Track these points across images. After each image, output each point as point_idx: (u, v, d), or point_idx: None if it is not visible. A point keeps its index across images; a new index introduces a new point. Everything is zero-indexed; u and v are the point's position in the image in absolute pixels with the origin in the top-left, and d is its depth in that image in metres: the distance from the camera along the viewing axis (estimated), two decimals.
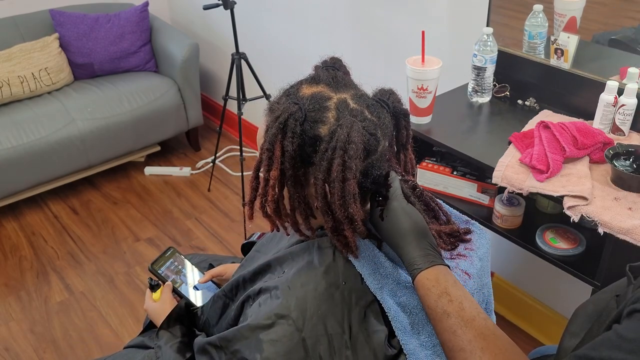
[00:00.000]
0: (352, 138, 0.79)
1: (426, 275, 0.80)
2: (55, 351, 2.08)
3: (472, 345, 0.75)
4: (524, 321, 2.06)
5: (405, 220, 0.84)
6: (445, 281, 0.79)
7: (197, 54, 3.00)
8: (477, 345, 0.75)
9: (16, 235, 2.67)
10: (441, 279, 0.80)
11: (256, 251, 1.12)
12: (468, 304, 0.78)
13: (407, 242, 0.83)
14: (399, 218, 0.84)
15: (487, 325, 0.76)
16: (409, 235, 0.83)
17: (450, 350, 0.77)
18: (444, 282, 0.79)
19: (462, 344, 0.76)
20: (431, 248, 0.83)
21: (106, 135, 2.81)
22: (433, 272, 0.80)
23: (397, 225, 0.84)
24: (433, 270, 0.81)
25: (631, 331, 0.60)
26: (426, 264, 0.81)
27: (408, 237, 0.83)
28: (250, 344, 0.85)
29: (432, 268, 0.81)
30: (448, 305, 0.78)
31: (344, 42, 2.36)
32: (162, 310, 1.19)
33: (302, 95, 0.85)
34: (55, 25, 2.95)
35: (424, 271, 0.81)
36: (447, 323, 0.78)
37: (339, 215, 0.82)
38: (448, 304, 0.78)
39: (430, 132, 1.55)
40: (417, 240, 0.83)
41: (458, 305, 0.78)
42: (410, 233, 0.83)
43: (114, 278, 2.41)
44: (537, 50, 1.62)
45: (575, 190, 1.25)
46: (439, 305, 0.79)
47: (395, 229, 0.84)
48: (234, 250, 2.54)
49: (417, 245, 0.83)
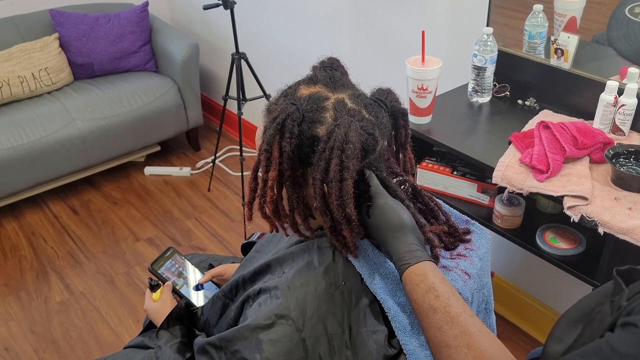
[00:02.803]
0: (350, 138, 0.79)
1: (414, 270, 0.80)
2: (55, 351, 2.08)
3: (458, 341, 0.75)
4: (524, 321, 2.06)
5: (392, 216, 0.83)
6: (433, 277, 0.79)
7: (197, 54, 3.00)
8: (463, 341, 0.74)
9: (16, 235, 2.67)
10: (429, 274, 0.79)
11: (256, 251, 1.12)
12: (455, 301, 0.78)
13: (395, 238, 0.83)
14: (385, 214, 0.84)
15: (474, 322, 0.76)
16: (396, 231, 0.83)
17: (436, 346, 0.77)
18: (431, 277, 0.79)
19: (448, 340, 0.75)
20: (419, 243, 0.83)
21: (106, 135, 2.81)
22: (421, 267, 0.80)
23: (383, 222, 0.84)
24: (421, 265, 0.80)
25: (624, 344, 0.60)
26: (414, 259, 0.81)
27: (395, 233, 0.83)
28: (250, 344, 0.85)
29: (420, 264, 0.80)
30: (435, 300, 0.78)
31: (344, 42, 2.36)
32: (162, 310, 1.19)
33: (300, 96, 0.85)
34: (55, 25, 2.95)
35: (412, 266, 0.80)
36: (433, 319, 0.78)
37: (336, 215, 0.82)
38: (435, 299, 0.78)
39: (430, 132, 1.55)
40: (405, 236, 0.82)
41: (445, 301, 0.77)
42: (397, 229, 0.83)
43: (114, 278, 2.41)
44: (537, 50, 1.61)
45: (575, 190, 1.25)
46: (425, 301, 0.78)
47: (382, 226, 0.84)
48: (233, 250, 2.54)
49: (404, 241, 0.82)
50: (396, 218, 0.83)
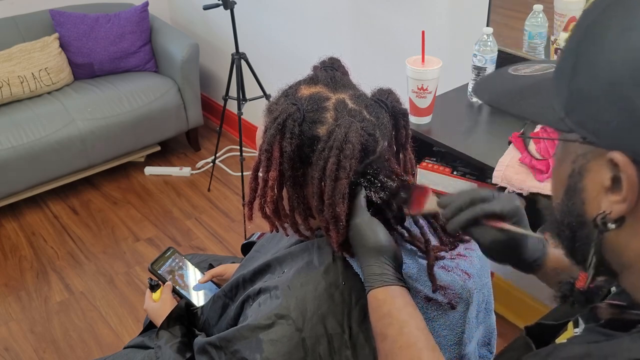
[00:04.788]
0: (350, 138, 0.79)
1: (375, 294, 0.79)
2: (55, 351, 2.08)
3: None
4: (524, 321, 2.05)
5: (366, 236, 0.81)
6: (391, 304, 0.78)
7: (197, 54, 3.00)
8: None
9: (16, 235, 2.67)
10: (388, 300, 0.78)
11: (256, 251, 1.12)
12: (408, 330, 0.76)
13: (366, 259, 0.82)
14: (359, 234, 0.82)
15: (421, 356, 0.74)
16: (368, 252, 0.81)
17: None
18: (389, 304, 0.78)
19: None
20: (389, 266, 0.81)
21: (106, 136, 2.81)
22: (382, 292, 0.79)
23: (358, 242, 0.82)
24: (384, 290, 0.79)
25: None
26: (378, 282, 0.79)
27: (367, 254, 0.81)
28: (250, 344, 0.85)
29: (384, 288, 0.79)
30: (387, 327, 0.77)
31: (344, 42, 2.36)
32: (162, 310, 1.19)
33: (301, 96, 0.85)
34: (55, 25, 2.95)
35: (374, 290, 0.79)
36: (381, 345, 0.78)
37: (326, 213, 0.82)
38: (388, 326, 0.77)
39: (430, 132, 1.55)
40: (376, 258, 0.81)
41: (397, 329, 0.76)
42: (369, 250, 0.81)
43: (114, 278, 2.41)
44: (537, 50, 1.61)
45: None
46: (378, 326, 0.78)
47: (357, 245, 0.83)
48: (233, 250, 2.54)
49: (374, 263, 0.81)
50: (371, 239, 0.81)
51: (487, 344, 1.06)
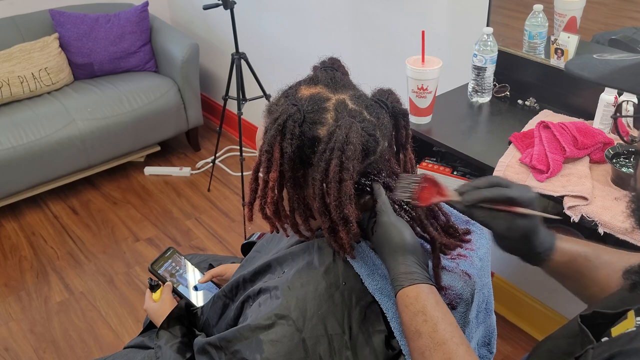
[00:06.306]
0: (351, 139, 0.78)
1: (406, 292, 0.79)
2: (55, 351, 2.08)
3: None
4: (524, 321, 2.06)
5: (394, 236, 0.82)
6: (425, 300, 0.78)
7: (197, 54, 3.00)
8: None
9: (16, 235, 2.67)
10: (421, 297, 0.78)
11: (256, 251, 1.12)
12: (444, 327, 0.76)
13: (393, 258, 0.82)
14: (386, 234, 0.83)
15: (458, 351, 0.75)
16: (396, 251, 0.82)
17: None
18: (422, 301, 0.78)
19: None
20: (417, 265, 0.82)
21: (106, 135, 2.81)
22: (414, 290, 0.79)
23: (385, 241, 0.83)
24: (414, 288, 0.79)
25: None
26: (408, 281, 0.80)
27: (395, 252, 0.82)
28: (251, 344, 0.85)
29: (414, 286, 0.79)
30: (422, 325, 0.77)
31: (344, 42, 2.36)
32: (162, 310, 1.19)
33: (301, 97, 0.85)
34: (55, 25, 2.95)
35: (405, 288, 0.80)
36: (417, 343, 0.77)
37: (334, 215, 0.82)
38: (422, 323, 0.77)
39: (430, 132, 1.55)
40: (404, 257, 0.81)
41: (432, 326, 0.76)
42: (397, 249, 0.82)
43: (114, 278, 2.41)
44: (537, 50, 1.62)
45: (575, 190, 1.25)
46: (412, 324, 0.78)
47: (383, 244, 0.83)
48: (234, 250, 2.54)
49: (402, 262, 0.81)
50: (397, 238, 0.82)
51: (487, 344, 1.06)
